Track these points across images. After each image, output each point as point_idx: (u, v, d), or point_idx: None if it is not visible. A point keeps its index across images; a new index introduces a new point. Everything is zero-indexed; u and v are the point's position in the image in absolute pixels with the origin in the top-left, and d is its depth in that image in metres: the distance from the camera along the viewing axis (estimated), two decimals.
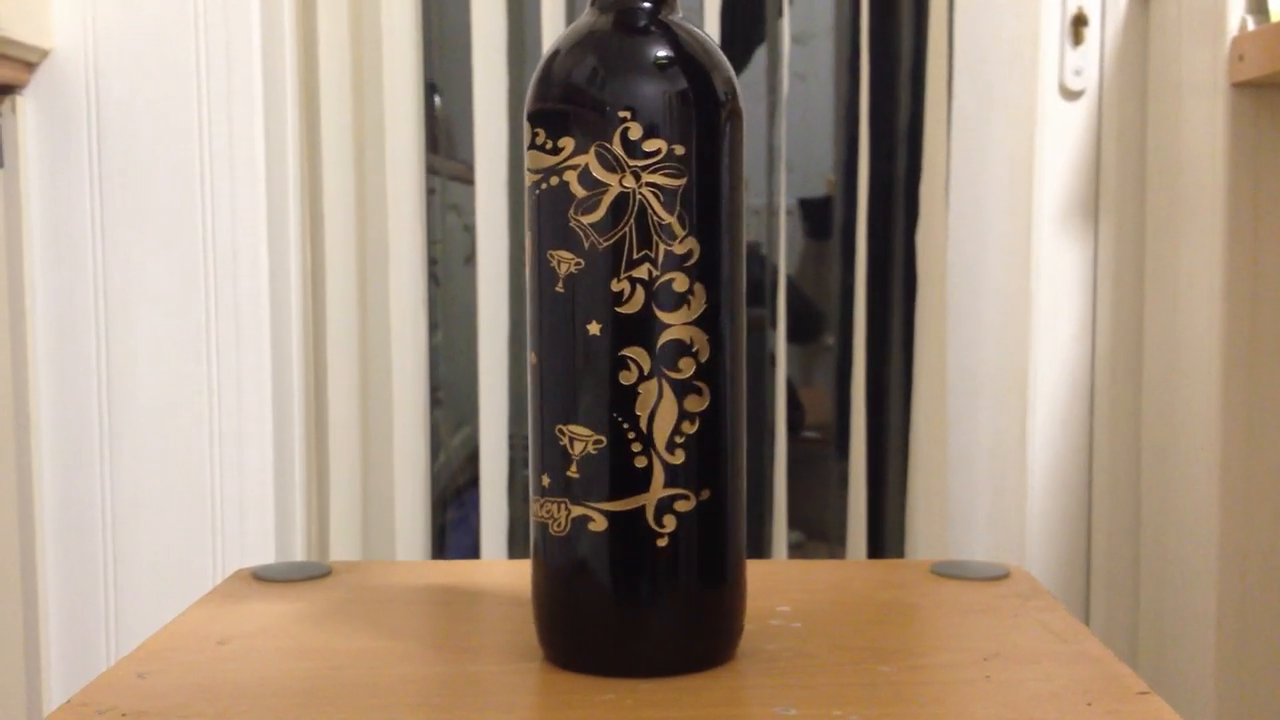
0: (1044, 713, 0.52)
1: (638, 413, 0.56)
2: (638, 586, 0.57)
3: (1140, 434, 1.34)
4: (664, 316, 0.56)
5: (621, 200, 0.55)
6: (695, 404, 0.56)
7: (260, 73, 1.26)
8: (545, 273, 0.57)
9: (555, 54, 0.58)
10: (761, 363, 1.52)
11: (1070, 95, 1.36)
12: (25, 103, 1.25)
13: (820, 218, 1.62)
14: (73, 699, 0.53)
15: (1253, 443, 1.18)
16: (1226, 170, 1.17)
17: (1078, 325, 1.37)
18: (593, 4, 0.59)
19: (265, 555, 1.28)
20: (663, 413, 0.56)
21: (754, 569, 0.74)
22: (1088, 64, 1.35)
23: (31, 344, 1.25)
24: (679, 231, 0.56)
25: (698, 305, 0.56)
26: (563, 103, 0.57)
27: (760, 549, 1.46)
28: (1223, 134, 1.17)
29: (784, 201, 1.38)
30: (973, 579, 0.72)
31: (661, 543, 0.56)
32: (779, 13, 1.36)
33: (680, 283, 0.56)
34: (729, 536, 0.59)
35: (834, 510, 1.51)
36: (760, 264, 1.55)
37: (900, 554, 1.43)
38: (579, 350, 0.56)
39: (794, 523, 1.51)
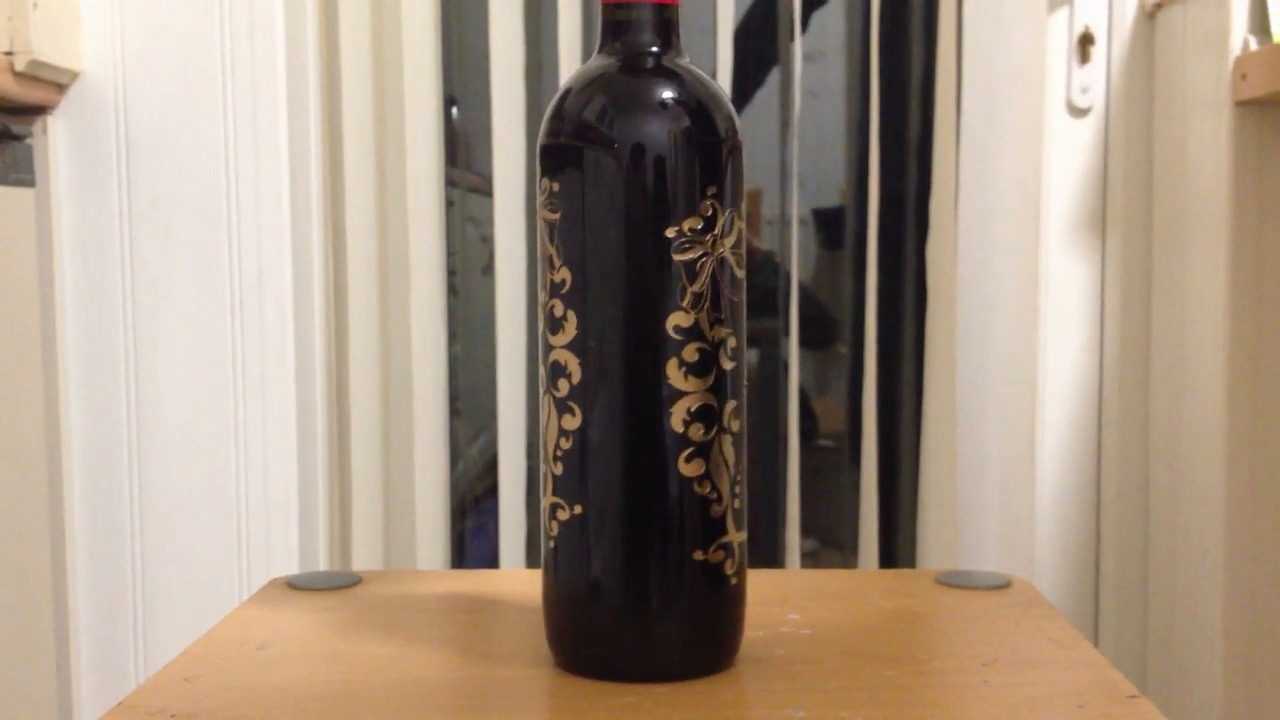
0: (1038, 715, 0.55)
1: (542, 423, 0.62)
2: (545, 578, 0.63)
3: (1148, 445, 1.36)
4: (550, 339, 0.61)
5: (536, 234, 0.62)
6: (569, 422, 0.60)
7: (284, 91, 1.28)
8: None
9: (566, 93, 0.62)
10: (775, 371, 1.55)
11: (1077, 112, 1.38)
12: (56, 123, 1.28)
13: (834, 228, 1.64)
14: (124, 701, 0.56)
15: (1258, 453, 1.19)
16: (1231, 186, 1.19)
17: (1086, 338, 1.39)
18: (601, 49, 0.62)
19: (289, 563, 1.30)
20: (549, 426, 0.61)
21: (766, 578, 0.77)
22: (1095, 82, 1.37)
23: (62, 358, 1.28)
24: (556, 261, 0.60)
25: (570, 330, 0.60)
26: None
27: (774, 556, 1.49)
28: (1227, 151, 1.19)
29: (796, 214, 1.40)
30: (976, 588, 0.75)
31: (550, 544, 0.62)
32: (791, 37, 1.38)
33: (557, 308, 0.60)
34: (602, 553, 0.60)
35: (848, 519, 1.53)
36: (774, 273, 1.57)
37: (912, 563, 1.45)
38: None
39: (810, 530, 1.54)
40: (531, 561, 1.41)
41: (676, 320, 0.59)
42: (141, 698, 0.57)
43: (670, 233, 0.58)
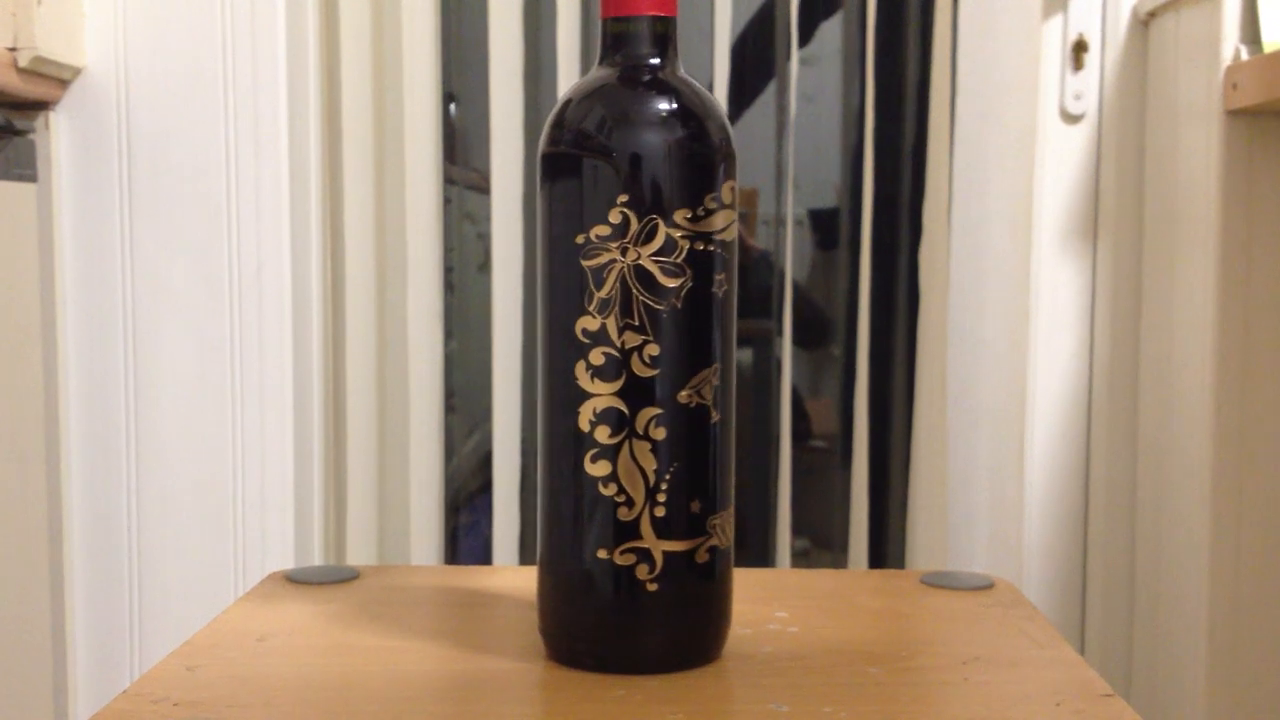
0: (1015, 712, 0.56)
1: None
2: None
3: (1136, 449, 1.38)
4: None
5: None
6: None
7: (284, 87, 1.29)
8: None
9: (566, 103, 0.63)
10: (768, 371, 1.56)
11: (1070, 119, 1.39)
12: (58, 119, 1.29)
13: (829, 228, 1.65)
14: (128, 689, 0.58)
15: (1244, 458, 1.21)
16: (1220, 193, 1.20)
17: (1076, 342, 1.40)
18: (601, 61, 0.64)
19: (285, 557, 1.31)
20: None
21: (756, 577, 0.78)
22: (1088, 89, 1.39)
23: (62, 351, 1.29)
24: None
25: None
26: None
27: (765, 555, 1.50)
28: (1217, 159, 1.20)
29: (791, 214, 1.41)
30: (959, 589, 0.76)
31: None
32: (788, 54, 1.39)
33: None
34: (540, 540, 0.65)
35: (838, 519, 1.55)
36: (769, 273, 1.58)
37: (901, 563, 1.46)
38: None
39: (801, 530, 1.55)
40: (524, 558, 1.42)
41: (584, 324, 0.61)
42: (145, 686, 0.58)
43: (580, 239, 0.60)
